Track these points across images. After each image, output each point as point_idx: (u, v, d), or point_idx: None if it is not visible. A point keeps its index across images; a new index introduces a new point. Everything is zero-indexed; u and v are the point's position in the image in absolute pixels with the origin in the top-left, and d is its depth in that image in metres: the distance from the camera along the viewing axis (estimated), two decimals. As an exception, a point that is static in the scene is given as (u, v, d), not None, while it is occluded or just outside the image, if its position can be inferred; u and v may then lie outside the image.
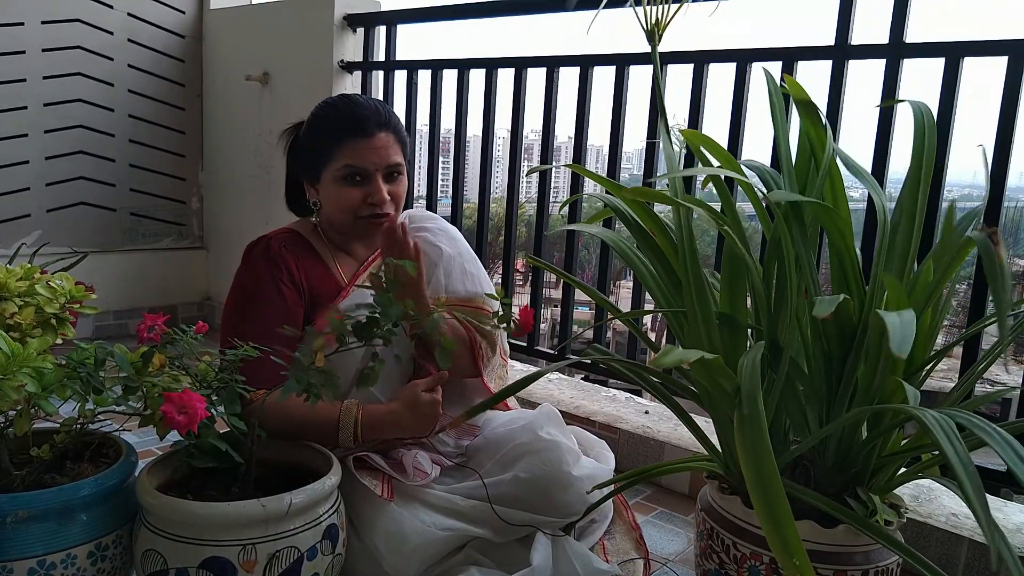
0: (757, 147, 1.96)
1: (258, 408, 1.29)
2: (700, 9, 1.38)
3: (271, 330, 1.31)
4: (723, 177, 1.32)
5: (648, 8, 1.25)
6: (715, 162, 1.35)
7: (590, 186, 2.27)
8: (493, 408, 1.63)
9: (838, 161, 1.23)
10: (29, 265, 1.25)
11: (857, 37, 1.78)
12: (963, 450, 0.84)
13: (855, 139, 1.62)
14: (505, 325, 1.40)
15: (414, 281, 1.44)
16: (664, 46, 1.30)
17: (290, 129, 1.63)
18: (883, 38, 1.73)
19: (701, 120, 2.06)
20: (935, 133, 1.17)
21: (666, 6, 1.25)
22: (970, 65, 1.65)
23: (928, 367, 1.20)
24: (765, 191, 1.24)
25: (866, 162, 1.71)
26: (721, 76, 2.02)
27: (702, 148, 1.35)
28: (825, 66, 1.82)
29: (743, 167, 1.34)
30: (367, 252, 1.61)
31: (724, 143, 1.94)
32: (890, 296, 1.05)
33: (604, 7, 1.38)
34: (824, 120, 1.24)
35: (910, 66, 1.74)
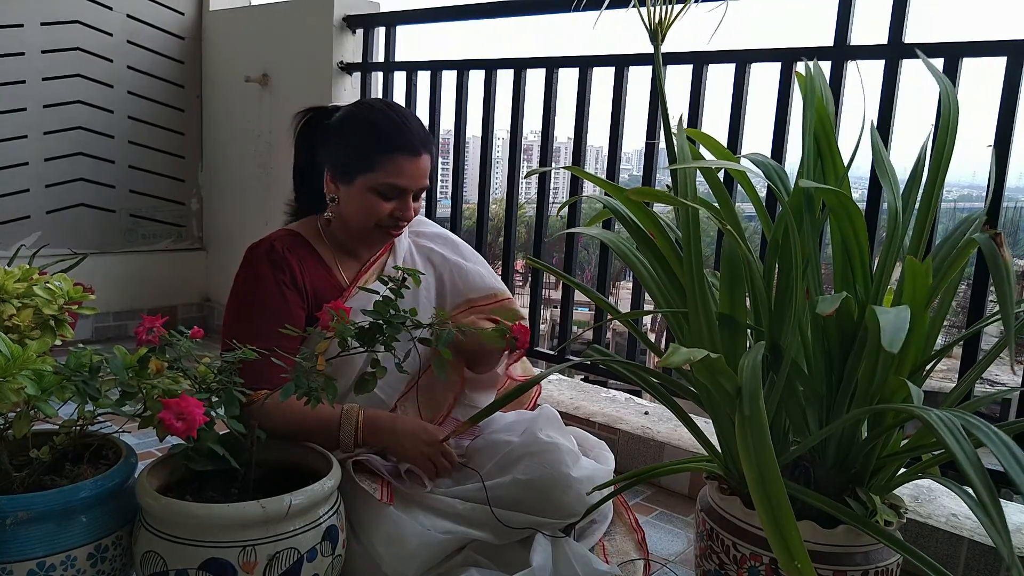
0: (757, 148, 1.96)
1: (258, 408, 1.29)
2: (699, 10, 1.38)
3: (272, 332, 1.31)
4: (722, 177, 1.32)
5: (651, 8, 1.25)
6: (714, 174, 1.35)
7: (589, 186, 2.27)
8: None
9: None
10: (27, 267, 1.25)
11: (857, 38, 1.78)
12: (971, 449, 0.84)
13: (853, 139, 1.61)
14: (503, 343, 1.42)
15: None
16: (664, 47, 1.30)
17: (304, 113, 1.60)
18: (882, 39, 1.73)
19: (700, 120, 2.06)
20: (957, 119, 1.16)
21: (669, 6, 1.25)
22: (969, 65, 1.65)
23: (928, 367, 1.20)
24: (769, 185, 1.23)
25: (865, 162, 1.72)
26: (721, 76, 2.03)
27: (702, 147, 1.35)
28: (825, 67, 1.82)
29: (746, 161, 1.34)
30: (368, 253, 1.61)
31: (724, 143, 1.95)
32: (907, 283, 1.02)
33: (607, 7, 1.38)
34: (833, 119, 1.24)
35: (909, 66, 1.74)
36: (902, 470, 1.25)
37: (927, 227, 1.18)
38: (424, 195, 1.57)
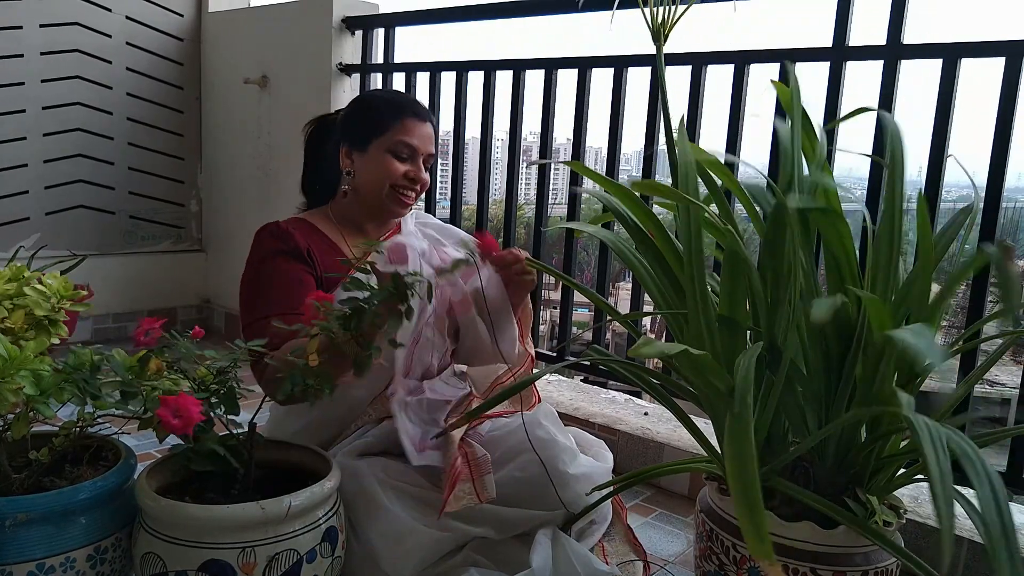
0: (757, 148, 1.97)
1: (272, 363, 1.23)
2: (699, 10, 1.38)
3: (284, 291, 1.38)
4: (719, 185, 1.33)
5: (654, 8, 1.25)
6: (712, 175, 1.35)
7: (589, 188, 2.27)
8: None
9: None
10: (18, 266, 1.23)
11: (855, 38, 1.79)
12: (945, 461, 0.83)
13: (855, 141, 1.62)
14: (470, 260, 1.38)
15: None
16: (664, 47, 1.30)
17: (311, 122, 1.73)
18: (881, 39, 1.73)
19: (699, 121, 2.06)
20: (901, 142, 1.17)
21: (673, 7, 1.25)
22: (968, 66, 1.65)
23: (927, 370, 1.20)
24: (757, 208, 1.24)
25: (864, 164, 1.72)
26: (720, 77, 2.02)
27: (698, 161, 1.35)
28: (823, 67, 1.82)
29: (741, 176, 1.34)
30: (378, 232, 1.67)
31: (723, 144, 1.95)
32: (872, 314, 1.05)
33: (609, 8, 1.38)
34: (818, 127, 1.24)
35: (908, 67, 1.74)
36: (901, 471, 1.25)
37: (898, 233, 1.17)
38: (430, 179, 1.67)
